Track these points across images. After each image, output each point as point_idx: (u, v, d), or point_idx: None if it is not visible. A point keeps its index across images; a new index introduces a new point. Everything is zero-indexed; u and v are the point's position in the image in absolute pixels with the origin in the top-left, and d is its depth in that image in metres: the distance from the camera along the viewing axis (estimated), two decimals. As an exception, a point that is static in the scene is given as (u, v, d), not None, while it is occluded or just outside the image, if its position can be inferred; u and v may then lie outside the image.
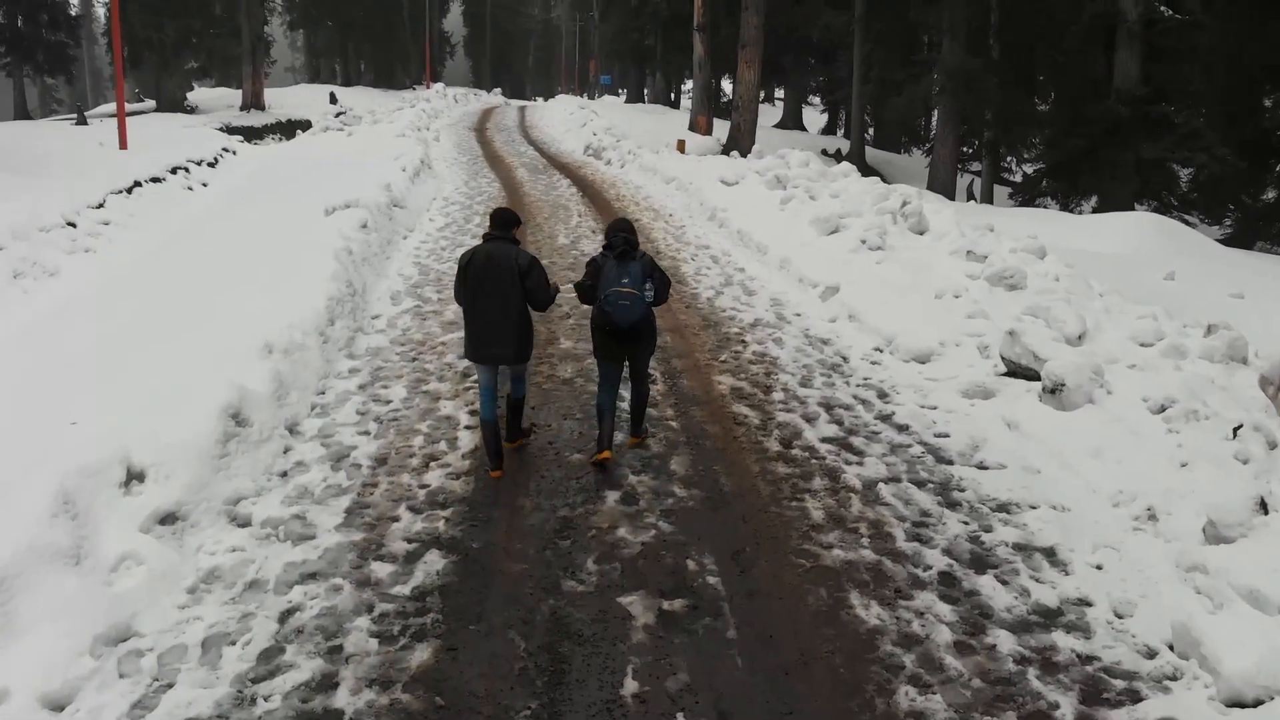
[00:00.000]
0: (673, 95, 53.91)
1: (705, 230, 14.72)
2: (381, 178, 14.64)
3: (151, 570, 4.80)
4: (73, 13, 40.76)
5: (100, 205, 16.04)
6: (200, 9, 36.04)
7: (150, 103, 41.50)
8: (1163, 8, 27.18)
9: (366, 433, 6.73)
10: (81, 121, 31.73)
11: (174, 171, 19.85)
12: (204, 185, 20.33)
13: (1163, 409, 6.85)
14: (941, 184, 25.39)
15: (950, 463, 6.53)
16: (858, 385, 7.99)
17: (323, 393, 7.40)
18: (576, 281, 6.56)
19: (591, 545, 5.29)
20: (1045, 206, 28.68)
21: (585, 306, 6.87)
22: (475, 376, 7.83)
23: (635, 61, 53.74)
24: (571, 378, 7.99)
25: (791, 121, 45.17)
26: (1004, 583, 5.05)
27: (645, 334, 6.39)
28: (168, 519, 5.21)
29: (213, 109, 41.23)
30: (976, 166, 33.88)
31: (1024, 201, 28.59)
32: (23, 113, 39.89)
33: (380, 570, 5.00)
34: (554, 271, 8.89)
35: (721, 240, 13.91)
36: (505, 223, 6.28)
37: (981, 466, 6.48)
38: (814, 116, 53.91)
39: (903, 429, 7.09)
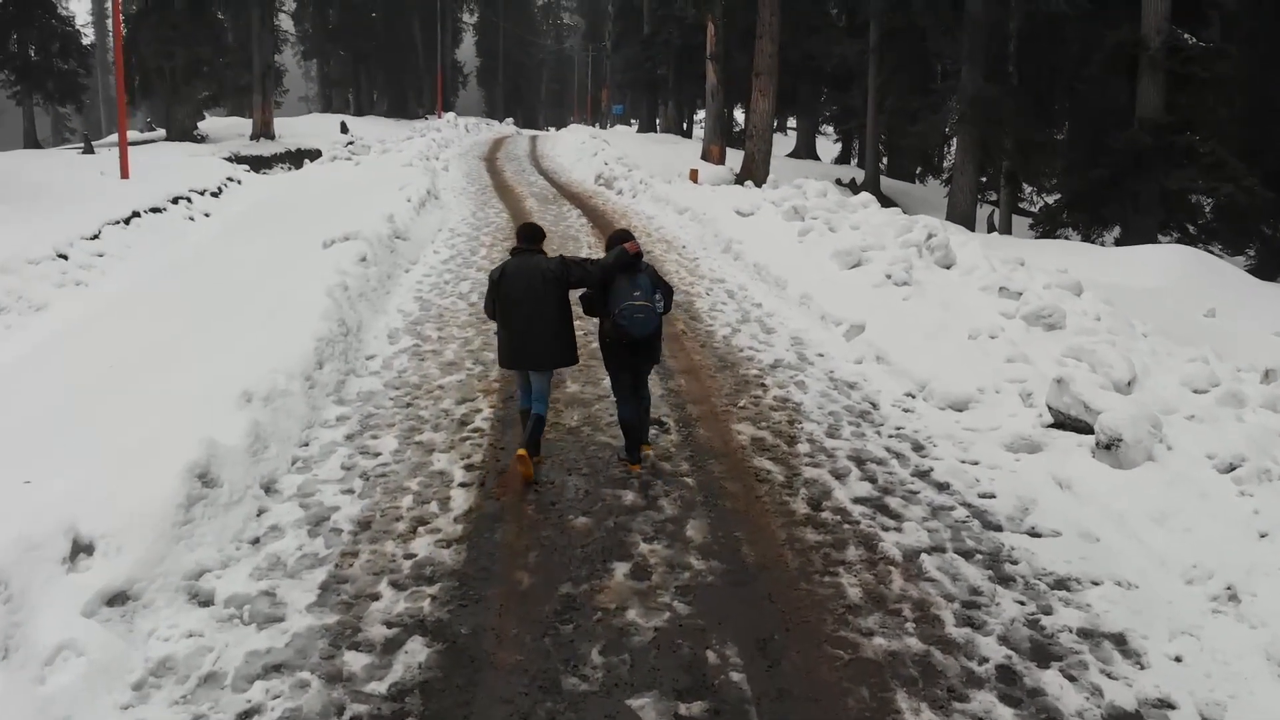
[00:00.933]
0: (685, 124, 53.64)
1: (720, 263, 14.13)
2: (384, 209, 14.13)
3: (93, 662, 4.16)
4: (85, 41, 40.60)
5: (95, 236, 15.60)
6: (210, 38, 35.84)
7: (161, 132, 41.36)
8: (1186, 35, 26.67)
9: (350, 491, 6.10)
10: (88, 150, 31.47)
11: (175, 201, 19.47)
12: (206, 215, 19.94)
13: (1231, 468, 6.18)
14: (961, 214, 24.78)
15: (999, 529, 5.86)
16: (890, 436, 7.33)
17: (306, 444, 6.79)
18: (583, 293, 6.59)
19: (597, 631, 4.63)
20: (1066, 238, 28.08)
21: (594, 343, 7.03)
22: (472, 425, 7.25)
23: (648, 91, 53.57)
24: (577, 426, 7.36)
25: (805, 151, 44.73)
26: (1071, 679, 4.37)
27: (656, 344, 6.64)
28: (117, 599, 4.58)
29: (224, 138, 41.01)
30: (993, 196, 33.32)
31: (1044, 233, 27.96)
32: (32, 141, 39.72)
33: (355, 662, 4.35)
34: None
35: (737, 273, 13.32)
36: (531, 236, 6.71)
37: (1034, 533, 5.80)
38: (826, 146, 53.52)
39: (943, 488, 6.42)
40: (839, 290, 10.96)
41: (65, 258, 13.95)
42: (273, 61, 41.49)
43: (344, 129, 46.09)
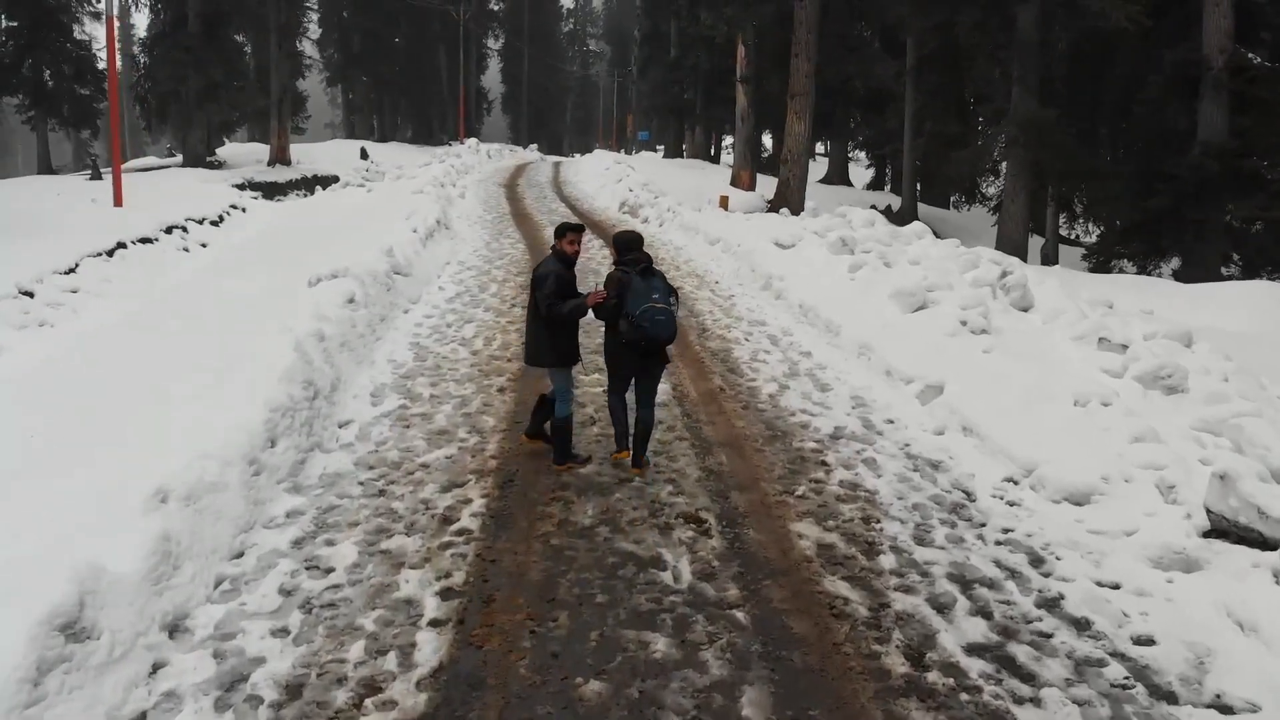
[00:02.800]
0: (713, 150, 52.27)
1: (759, 302, 12.52)
2: (385, 241, 12.66)
3: None
4: (100, 66, 39.83)
5: (71, 270, 14.21)
6: (224, 61, 34.81)
7: (178, 158, 40.47)
8: (1251, 54, 24.95)
9: (284, 632, 4.51)
10: (96, 176, 30.43)
11: (169, 231, 18.15)
12: (203, 246, 18.62)
13: None
14: (1012, 244, 23.04)
15: (1173, 699, 4.19)
16: (998, 542, 5.66)
17: (239, 555, 5.22)
18: (599, 301, 6.32)
19: None
20: (1121, 270, 26.33)
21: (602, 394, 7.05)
22: (457, 525, 5.67)
23: (674, 116, 52.26)
24: (592, 525, 5.74)
25: (837, 176, 43.14)
26: None
27: (665, 348, 6.53)
28: None
29: (242, 164, 40.05)
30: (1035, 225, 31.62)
31: (1098, 265, 26.21)
32: (46, 167, 38.87)
33: None
34: (585, 349, 6.83)
35: (780, 315, 11.70)
36: (557, 235, 6.58)
37: (1224, 709, 4.13)
38: (857, 171, 51.90)
39: (1082, 627, 4.75)
40: (904, 339, 9.31)
41: (30, 295, 12.56)
42: (289, 86, 40.48)
43: (364, 155, 45.05)
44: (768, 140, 48.93)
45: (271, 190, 34.09)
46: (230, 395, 6.53)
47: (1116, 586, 5.19)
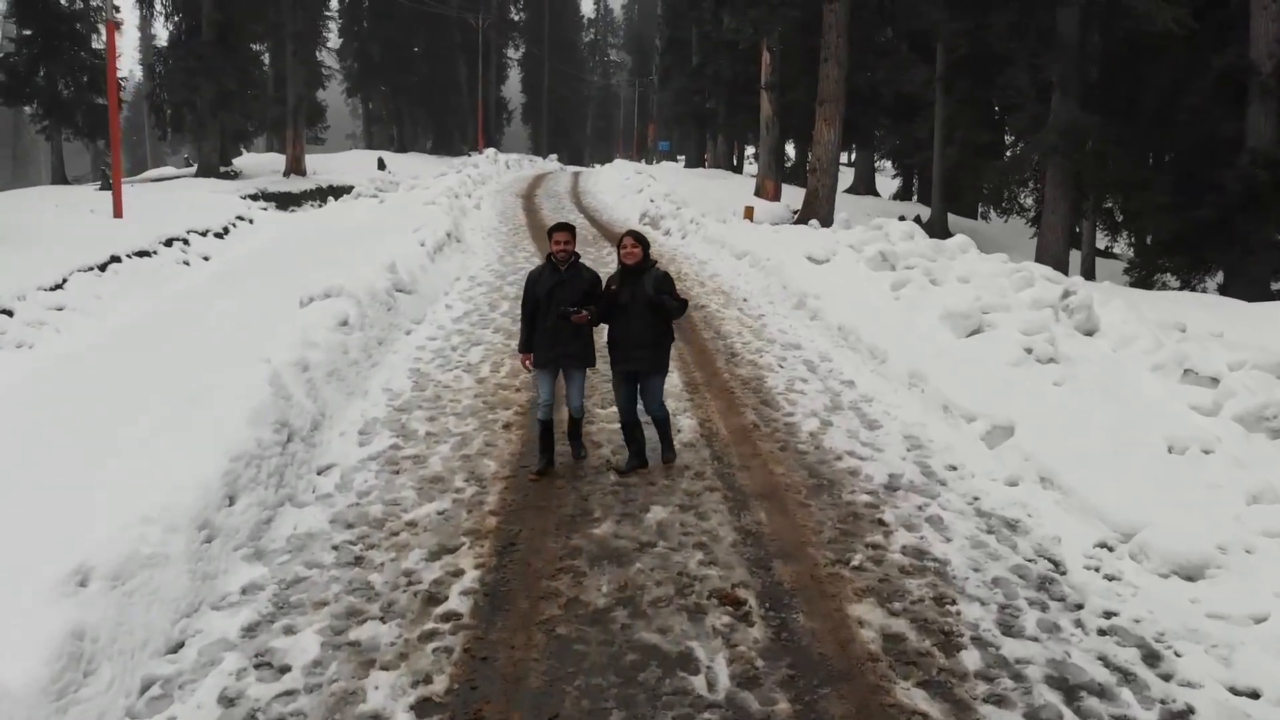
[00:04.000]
0: (735, 159, 51.32)
1: (792, 322, 11.52)
2: (388, 255, 11.76)
3: None
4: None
5: (59, 285, 13.40)
6: (238, 70, 34.20)
7: (194, 168, 39.99)
8: (1304, 58, 23.77)
9: (216, 763, 3.56)
10: (106, 187, 29.85)
11: (169, 244, 17.36)
12: (205, 259, 17.82)
13: None
14: (1053, 258, 21.91)
15: None
16: (1101, 631, 4.63)
17: (177, 649, 4.27)
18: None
19: None
20: (1164, 285, 25.17)
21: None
22: (444, 607, 4.72)
23: (696, 125, 51.34)
24: (608, 607, 4.75)
25: (864, 186, 42.06)
26: None
27: None
28: None
29: (258, 174, 39.51)
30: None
31: (1139, 279, 25.03)
32: (60, 177, 38.42)
33: None
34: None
35: (816, 337, 10.69)
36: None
37: None
38: (882, 181, 50.77)
39: (1230, 758, 3.73)
40: (962, 368, 8.28)
41: (9, 314, 11.74)
42: (305, 95, 39.85)
43: (381, 165, 44.52)
44: (790, 150, 47.94)
45: (285, 201, 33.43)
46: (188, 440, 5.59)
47: (1255, 695, 4.16)
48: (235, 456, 5.52)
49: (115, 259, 15.34)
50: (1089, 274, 25.64)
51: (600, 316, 6.39)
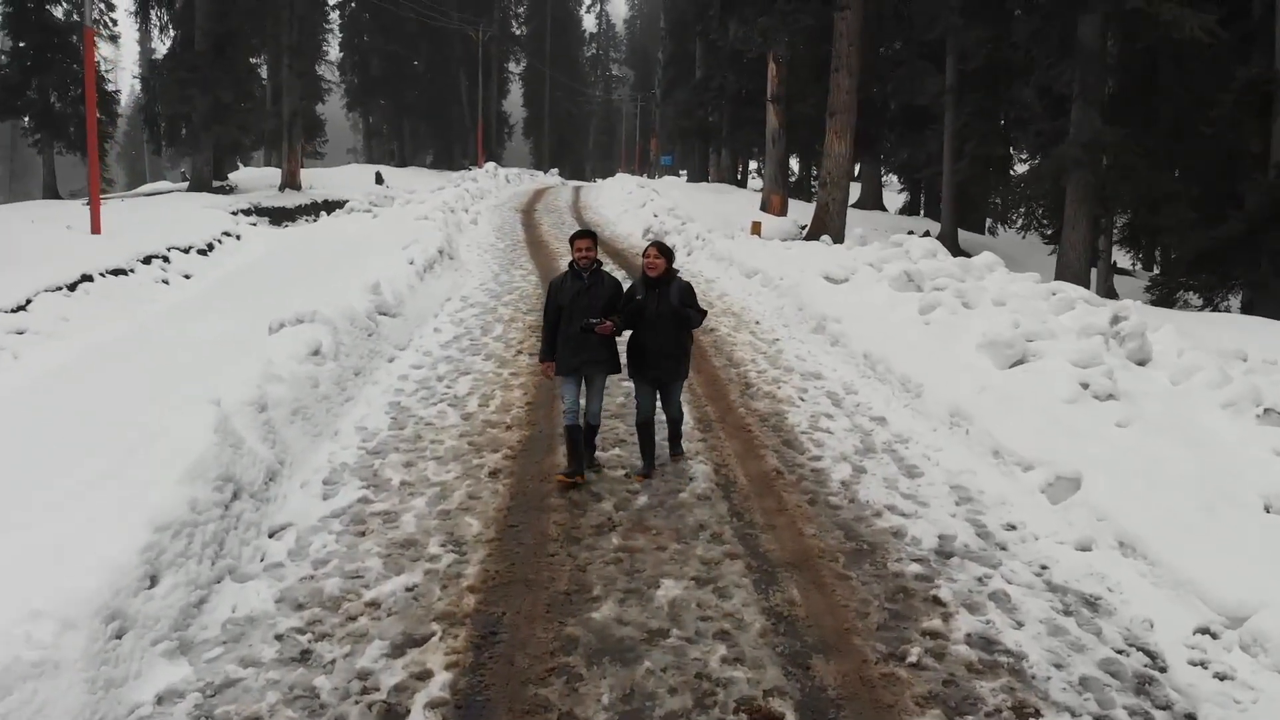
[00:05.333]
0: (740, 174, 50.54)
1: (811, 348, 10.59)
2: (373, 275, 10.84)
3: None
4: (109, 88, 38.68)
5: (22, 307, 12.52)
6: (233, 82, 33.37)
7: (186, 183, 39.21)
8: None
9: None
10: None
11: (147, 261, 16.46)
12: (186, 277, 16.93)
13: None
14: (1074, 274, 20.96)
15: None
16: (1231, 759, 3.69)
17: (53, 792, 3.33)
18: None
19: None
20: (1186, 303, 24.27)
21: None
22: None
23: (700, 139, 50.56)
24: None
25: (871, 201, 41.14)
26: None
27: None
28: None
29: (254, 188, 38.71)
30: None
31: (1160, 298, 24.13)
32: (52, 191, 37.62)
33: None
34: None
35: (839, 365, 9.76)
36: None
37: None
38: (888, 196, 49.87)
39: None
40: (1009, 405, 7.33)
41: (-40, 338, 10.85)
42: (301, 109, 39.06)
43: (379, 179, 43.79)
44: (794, 164, 47.06)
45: (279, 215, 32.57)
46: (110, 505, 4.66)
47: None
48: (161, 525, 4.58)
49: (87, 278, 14.45)
50: (1109, 293, 24.72)
51: (624, 325, 6.41)
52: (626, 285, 6.72)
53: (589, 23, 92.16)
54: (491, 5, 65.36)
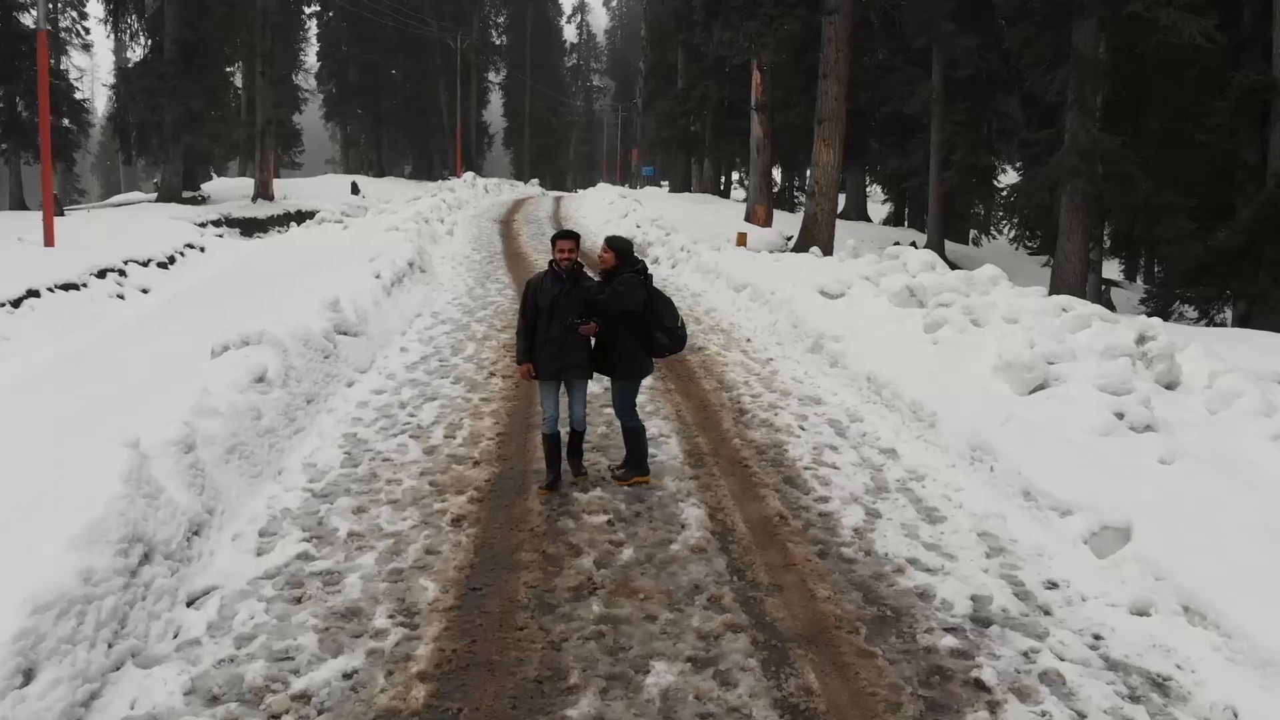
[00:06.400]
0: (722, 184, 49.92)
1: (808, 368, 9.83)
2: (332, 291, 9.99)
3: None
4: (77, 96, 37.59)
5: (-47, 325, 11.68)
6: (203, 91, 32.41)
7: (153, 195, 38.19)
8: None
9: None
10: (59, 213, 28.01)
11: (102, 275, 15.56)
12: (143, 292, 16.05)
13: None
14: (1069, 287, 20.41)
15: None
16: None
17: None
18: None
19: None
20: (1181, 315, 23.78)
21: None
22: None
23: (682, 149, 49.92)
24: None
25: (855, 211, 40.56)
26: None
27: None
28: None
29: (226, 198, 37.76)
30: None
31: (1156, 310, 23.59)
32: (19, 202, 36.45)
33: None
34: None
35: (840, 389, 8.99)
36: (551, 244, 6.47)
37: None
38: (871, 206, 49.35)
39: None
40: (1036, 437, 6.57)
41: (-121, 361, 9.94)
42: (274, 117, 38.13)
43: (355, 190, 42.89)
44: (776, 175, 46.41)
45: (250, 226, 31.66)
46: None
47: None
48: (42, 605, 3.73)
49: (33, 293, 13.55)
50: (1106, 306, 24.18)
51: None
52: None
53: (570, 33, 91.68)
54: (471, 14, 64.68)
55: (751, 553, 5.35)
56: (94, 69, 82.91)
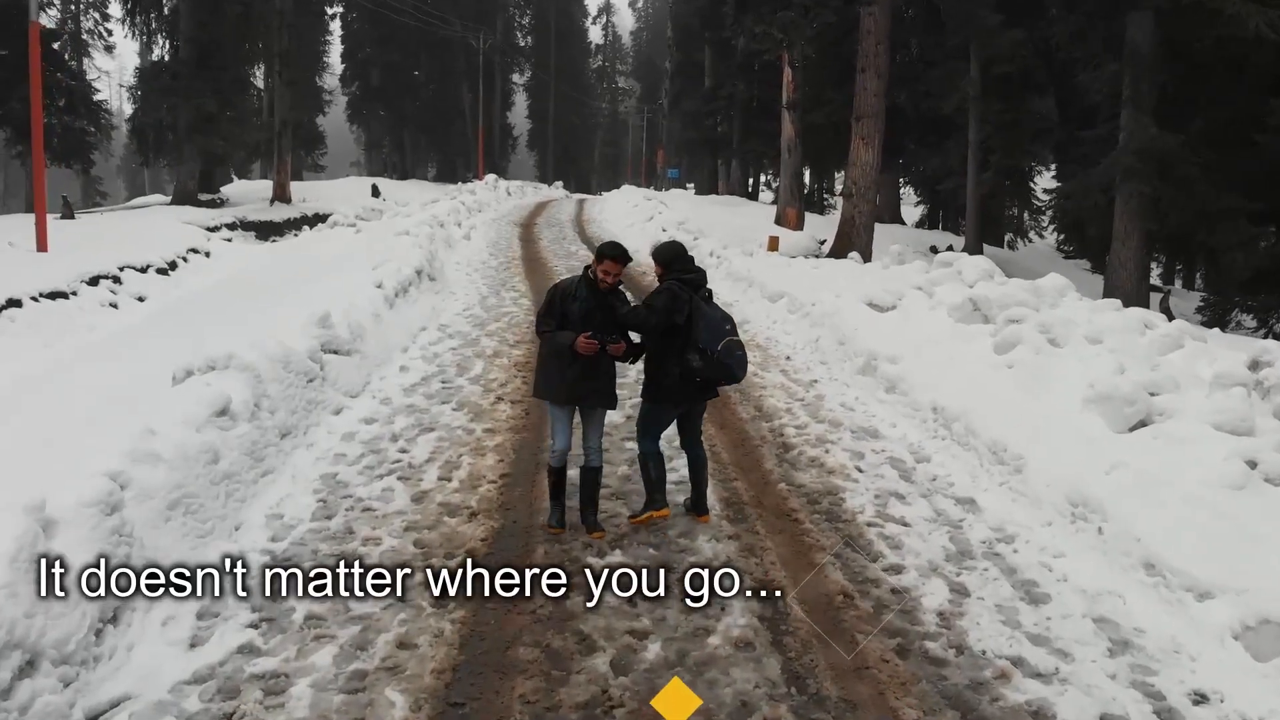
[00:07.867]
0: (750, 186, 48.72)
1: (859, 393, 8.67)
2: (323, 305, 8.95)
3: None
4: (95, 97, 37.04)
5: (-81, 340, 10.77)
6: (218, 92, 31.64)
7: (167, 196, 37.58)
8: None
9: None
10: (68, 215, 27.34)
11: (94, 282, 14.66)
12: (140, 299, 15.16)
13: None
14: (1124, 295, 19.05)
15: None
16: None
17: None
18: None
19: None
20: (1239, 324, 22.36)
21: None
22: None
23: (708, 150, 48.85)
24: None
25: (889, 214, 39.19)
26: None
27: None
28: None
29: (244, 201, 37.08)
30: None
31: (1213, 320, 22.20)
32: (32, 205, 36.01)
33: None
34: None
35: (899, 420, 7.82)
36: (595, 256, 5.64)
37: None
38: (904, 208, 47.95)
39: None
40: (1150, 490, 5.38)
41: None
42: (292, 119, 37.39)
43: (375, 192, 42.14)
44: (805, 176, 45.11)
45: (265, 230, 30.84)
46: None
47: None
48: None
49: (14, 302, 12.67)
50: (1166, 315, 22.84)
51: (632, 349, 5.52)
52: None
53: (595, 34, 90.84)
54: (494, 15, 63.95)
55: (812, 649, 4.22)
56: (121, 71, 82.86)
